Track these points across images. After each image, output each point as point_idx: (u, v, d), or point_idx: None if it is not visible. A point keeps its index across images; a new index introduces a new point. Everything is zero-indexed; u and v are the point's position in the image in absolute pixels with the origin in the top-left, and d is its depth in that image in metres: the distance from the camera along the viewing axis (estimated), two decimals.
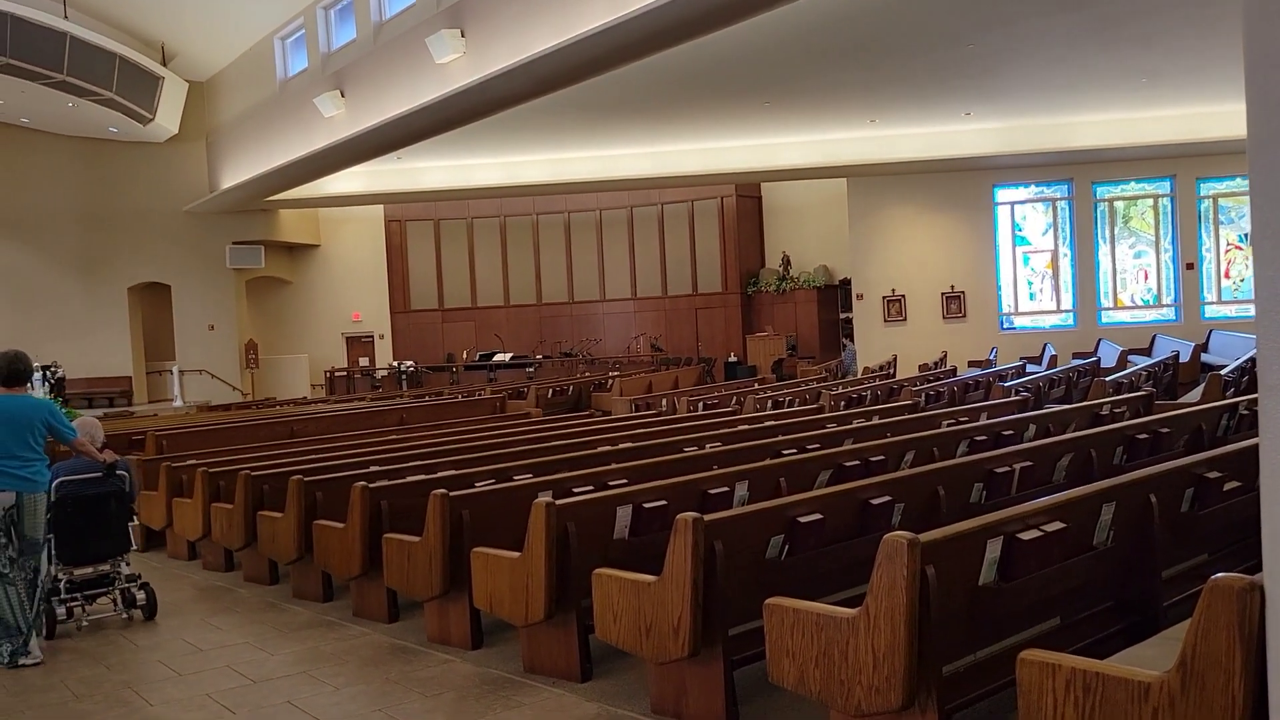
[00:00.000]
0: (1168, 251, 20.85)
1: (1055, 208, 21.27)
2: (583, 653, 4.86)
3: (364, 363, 25.95)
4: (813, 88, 16.16)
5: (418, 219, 26.33)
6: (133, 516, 6.75)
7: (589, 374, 22.18)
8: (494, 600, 5.07)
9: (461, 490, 5.91)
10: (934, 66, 15.00)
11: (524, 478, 6.47)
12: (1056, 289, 21.38)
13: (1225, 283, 20.67)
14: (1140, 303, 21.12)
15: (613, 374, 21.23)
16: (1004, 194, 21.40)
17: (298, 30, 19.67)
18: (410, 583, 5.72)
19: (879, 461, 6.17)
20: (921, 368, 17.84)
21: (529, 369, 23.52)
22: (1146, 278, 21.11)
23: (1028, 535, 3.65)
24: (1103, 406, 8.22)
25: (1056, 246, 21.28)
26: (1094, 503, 4.01)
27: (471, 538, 5.46)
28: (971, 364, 18.15)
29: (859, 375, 18.57)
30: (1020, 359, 17.79)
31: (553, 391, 18.78)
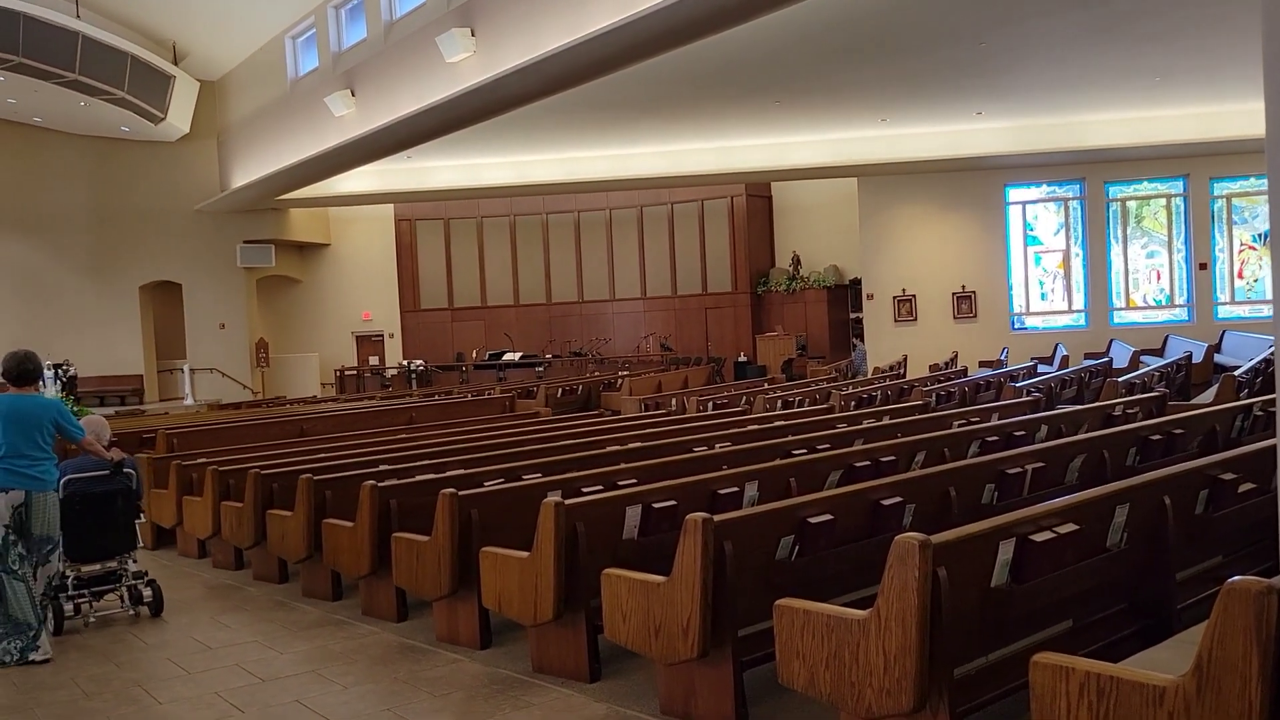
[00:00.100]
0: (1180, 251, 20.73)
1: (1067, 207, 21.17)
2: (591, 653, 4.84)
3: (374, 362, 26.00)
4: (823, 87, 16.12)
5: (428, 218, 26.36)
6: (139, 514, 6.81)
7: (598, 373, 22.19)
8: (503, 600, 5.06)
9: (470, 490, 5.90)
10: (945, 65, 14.94)
11: (533, 477, 6.46)
12: (1068, 289, 21.28)
13: (1238, 283, 20.54)
14: (1153, 303, 21.00)
15: (622, 373, 21.23)
16: (1015, 193, 21.31)
17: (308, 29, 19.72)
18: (419, 582, 5.71)
19: (890, 462, 6.14)
20: (932, 368, 17.77)
21: (538, 368, 23.53)
22: (1159, 278, 21.00)
23: (1040, 537, 3.62)
24: (1115, 407, 8.16)
25: (1068, 246, 21.18)
26: (1107, 504, 3.99)
27: (480, 537, 5.45)
28: (982, 364, 18.08)
29: (869, 375, 18.52)
30: (1031, 359, 17.70)
31: (562, 391, 18.78)
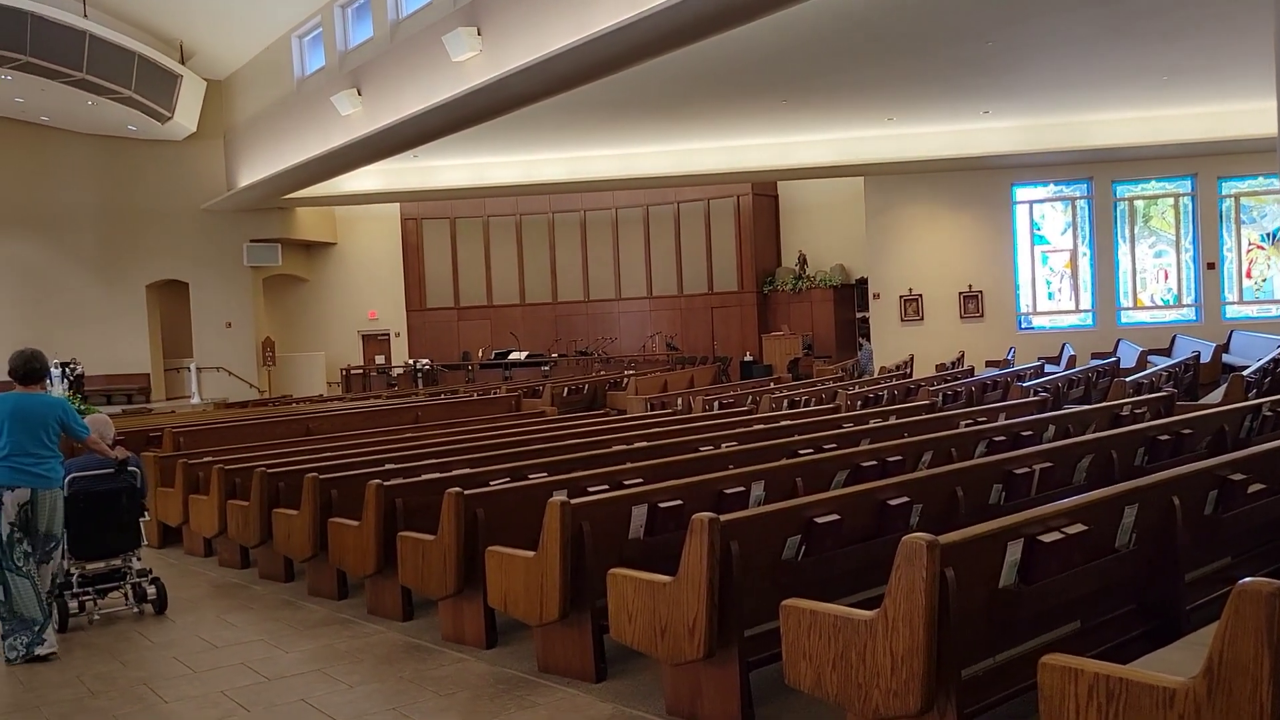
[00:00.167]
0: (1188, 251, 20.67)
1: (1074, 207, 21.12)
2: (597, 653, 4.83)
3: (380, 360, 26.03)
4: (830, 86, 16.09)
5: (434, 217, 26.38)
6: (143, 512, 6.82)
7: (604, 373, 22.19)
8: (508, 599, 5.05)
9: (476, 489, 5.89)
10: (952, 64, 14.91)
11: (539, 476, 6.45)
12: (1075, 289, 21.23)
13: (1247, 283, 20.48)
14: (1160, 303, 20.94)
15: (628, 373, 21.20)
16: (1023, 193, 21.27)
17: (315, 29, 19.75)
18: (425, 581, 5.71)
19: (896, 462, 6.12)
20: (939, 367, 17.74)
21: (544, 367, 23.53)
22: (1166, 277, 20.94)
23: (1049, 537, 3.60)
24: (1123, 407, 8.12)
25: (1076, 246, 21.13)
26: (1116, 505, 3.96)
27: (486, 536, 5.44)
28: (989, 364, 18.05)
29: (875, 375, 18.49)
30: (1038, 359, 17.66)
31: (568, 390, 18.77)
